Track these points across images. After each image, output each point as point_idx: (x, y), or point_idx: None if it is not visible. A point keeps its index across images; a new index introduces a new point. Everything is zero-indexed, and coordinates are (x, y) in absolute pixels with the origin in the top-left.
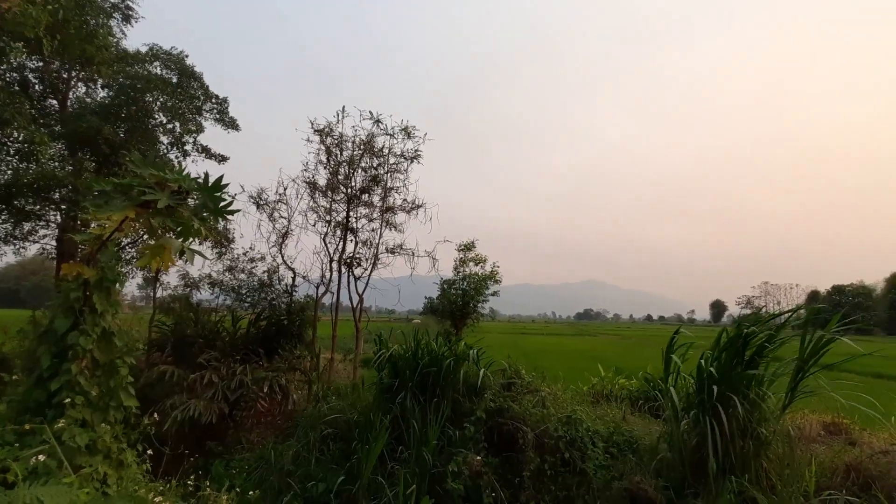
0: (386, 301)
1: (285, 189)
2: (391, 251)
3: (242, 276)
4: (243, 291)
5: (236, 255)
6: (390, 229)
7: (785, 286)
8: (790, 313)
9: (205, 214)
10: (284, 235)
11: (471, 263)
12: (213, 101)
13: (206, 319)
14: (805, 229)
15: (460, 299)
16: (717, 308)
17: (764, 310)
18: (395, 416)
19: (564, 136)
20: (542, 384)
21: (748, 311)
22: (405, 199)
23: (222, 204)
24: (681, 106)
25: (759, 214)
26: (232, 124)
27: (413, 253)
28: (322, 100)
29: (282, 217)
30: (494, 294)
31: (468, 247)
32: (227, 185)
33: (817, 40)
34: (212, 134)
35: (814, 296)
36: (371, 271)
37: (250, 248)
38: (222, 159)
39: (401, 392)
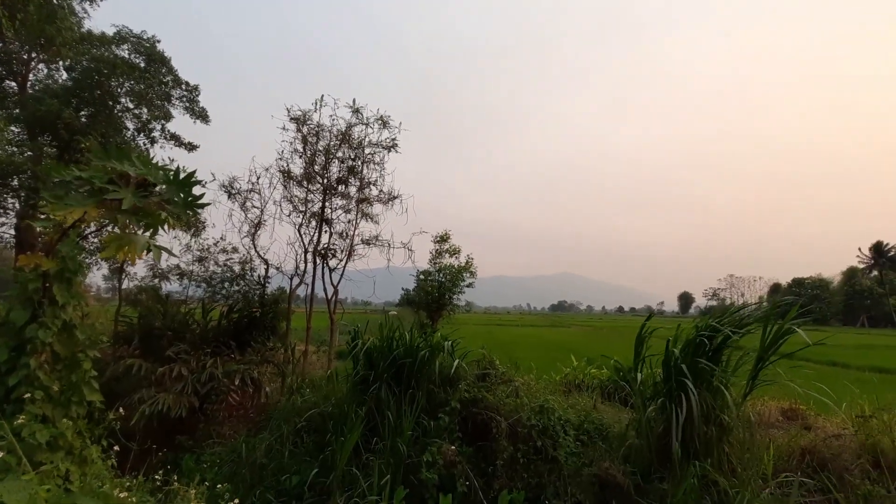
0: (362, 293)
1: (258, 178)
2: (367, 242)
3: (215, 267)
4: (215, 283)
5: (207, 246)
6: (366, 220)
7: (749, 278)
8: (755, 306)
9: (173, 208)
10: (257, 226)
11: (446, 255)
12: (184, 87)
13: (175, 311)
14: (767, 222)
15: (436, 291)
16: (685, 300)
17: (728, 301)
18: (370, 407)
19: (540, 128)
20: (515, 374)
21: (714, 303)
22: (381, 191)
23: (193, 197)
24: (651, 100)
25: (723, 207)
26: (202, 115)
27: (389, 244)
28: (299, 86)
29: (255, 207)
30: (470, 286)
31: (443, 238)
32: (200, 181)
33: (777, 35)
34: (181, 120)
35: (776, 288)
36: (346, 263)
37: (221, 237)
38: (192, 148)
39: (376, 383)
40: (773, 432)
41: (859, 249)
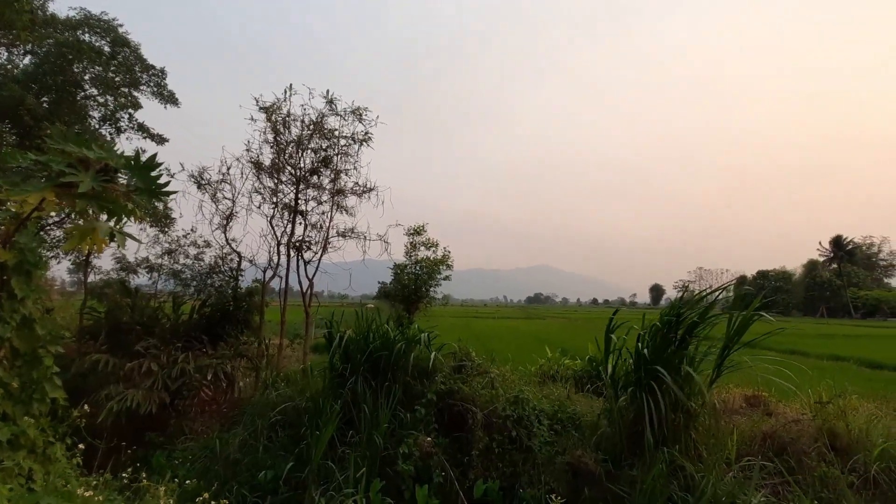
0: (338, 286)
1: (228, 169)
2: (342, 235)
3: (186, 260)
4: (185, 276)
5: (177, 238)
6: (341, 212)
7: (717, 271)
8: (718, 291)
9: (136, 196)
10: (229, 217)
11: (422, 248)
12: (151, 72)
13: (144, 305)
14: (736, 215)
15: (413, 283)
16: (656, 292)
17: (697, 292)
18: (346, 400)
19: (518, 121)
20: (491, 366)
21: (683, 294)
22: (356, 182)
23: (157, 184)
24: (628, 92)
25: (693, 201)
26: (171, 98)
27: (365, 237)
28: (269, 78)
29: (226, 198)
30: (446, 278)
31: (418, 231)
32: (161, 164)
33: (752, 28)
34: (150, 111)
35: (742, 280)
36: (321, 255)
37: (192, 230)
38: (161, 140)
39: (352, 377)
40: (736, 418)
41: (819, 244)
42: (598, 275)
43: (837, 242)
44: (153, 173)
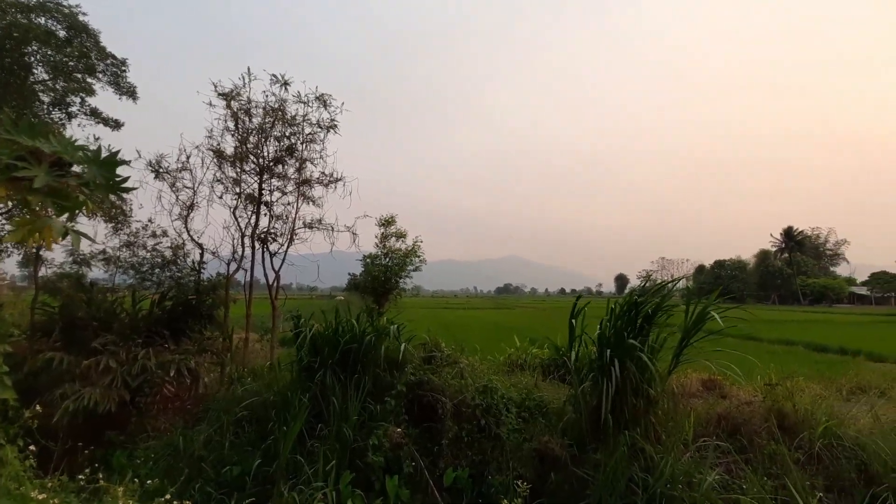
0: (306, 278)
1: (188, 157)
2: (309, 226)
3: (144, 252)
4: (144, 269)
5: (135, 230)
6: (307, 203)
7: (678, 261)
8: (672, 282)
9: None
10: (189, 208)
11: (392, 238)
12: (109, 61)
13: (100, 300)
14: (694, 206)
15: (383, 275)
16: (621, 281)
17: (658, 281)
18: (315, 394)
19: (488, 111)
20: (461, 356)
21: (646, 284)
22: (323, 172)
23: (117, 180)
24: (590, 85)
25: (656, 192)
26: (130, 92)
27: (333, 228)
28: (229, 65)
29: (186, 187)
30: (417, 269)
31: (388, 221)
32: (125, 162)
33: (712, 19)
34: (105, 95)
35: (700, 269)
36: (288, 247)
37: (150, 221)
38: (116, 125)
39: (321, 370)
40: (693, 401)
41: (771, 235)
42: (566, 265)
43: (788, 233)
44: (114, 169)
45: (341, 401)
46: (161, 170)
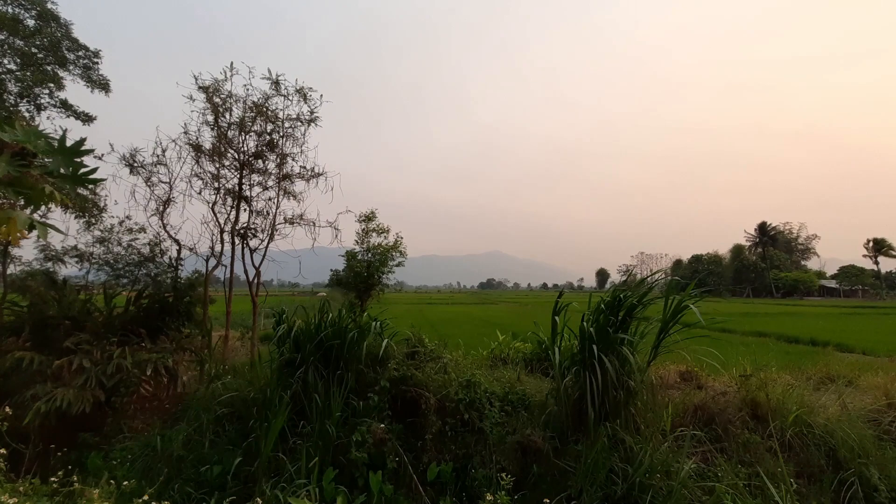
0: (287, 274)
1: (164, 151)
2: (290, 221)
3: (120, 248)
4: (120, 266)
5: (109, 225)
6: (288, 198)
7: (657, 255)
8: (653, 274)
9: (59, 182)
10: (166, 203)
11: (373, 234)
12: (81, 52)
13: (72, 298)
14: (672, 202)
15: (365, 271)
16: (602, 276)
17: (638, 276)
18: (297, 391)
19: (471, 106)
20: (444, 351)
21: (626, 278)
22: (304, 167)
23: (83, 171)
24: (569, 80)
25: (635, 188)
26: (102, 85)
27: (314, 223)
28: (206, 58)
29: (162, 182)
30: (399, 265)
31: (369, 217)
32: (91, 150)
33: (686, 17)
34: (76, 89)
35: (678, 264)
36: (268, 243)
37: (126, 217)
38: (88, 119)
39: (302, 367)
40: (671, 392)
41: (745, 231)
42: (548, 260)
43: (762, 228)
44: (80, 158)
45: (324, 397)
46: (136, 164)
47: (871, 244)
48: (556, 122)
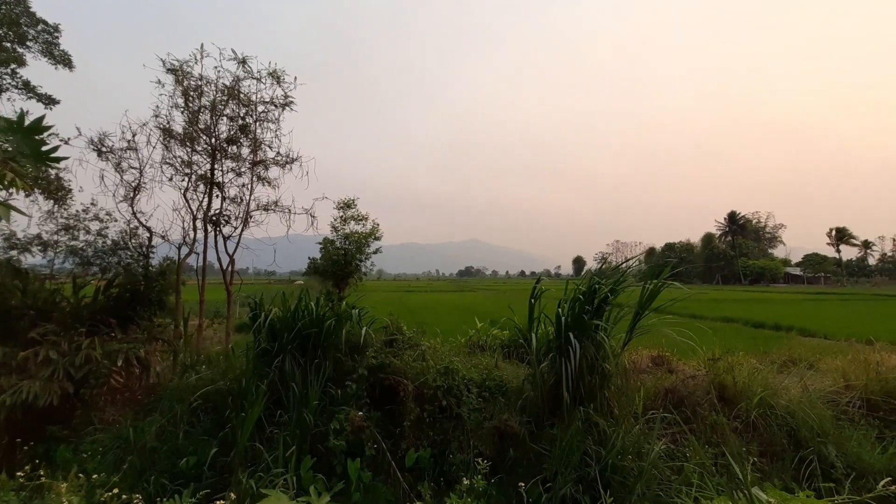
0: (263, 262)
1: (134, 135)
2: (264, 208)
3: (88, 236)
4: (87, 254)
5: (75, 212)
6: (263, 185)
7: (632, 243)
8: (625, 262)
9: (19, 163)
10: (136, 189)
11: (351, 222)
12: (41, 28)
13: (37, 287)
14: (646, 192)
15: (342, 259)
16: (579, 263)
17: (613, 263)
18: (274, 380)
19: (450, 94)
20: (422, 339)
21: (602, 266)
22: (278, 153)
23: (45, 148)
24: (545, 73)
25: (609, 178)
26: (64, 59)
27: (290, 210)
28: (176, 39)
29: (132, 168)
30: (377, 252)
31: (348, 205)
32: (50, 127)
33: (663, 17)
34: (40, 70)
35: (651, 251)
36: (242, 230)
37: (92, 203)
38: (51, 101)
39: (279, 356)
40: (643, 377)
41: (716, 220)
42: (526, 248)
43: (732, 217)
44: (40, 136)
45: (301, 386)
46: (104, 149)
47: (833, 233)
48: (535, 114)
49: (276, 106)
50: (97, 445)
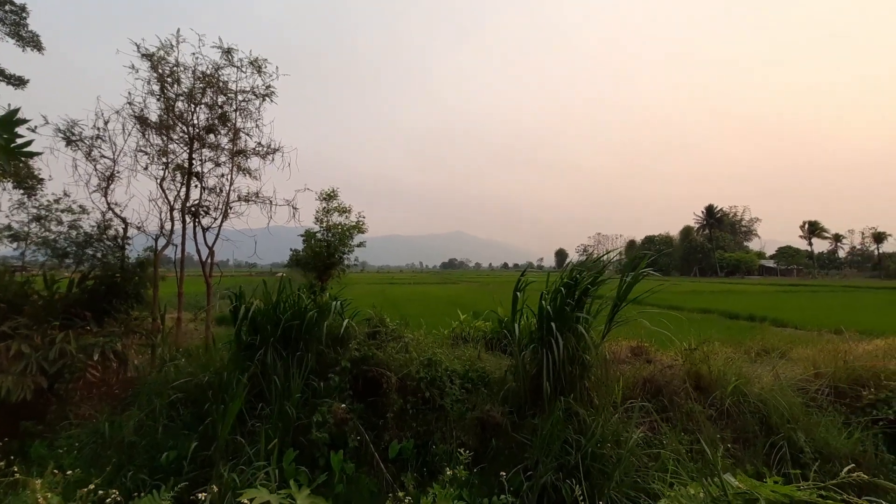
0: (244, 254)
1: (106, 122)
2: (245, 199)
3: (60, 227)
4: (61, 246)
5: (46, 202)
6: (243, 175)
7: (613, 236)
8: (606, 254)
9: None
10: (109, 179)
11: (335, 213)
12: (8, 7)
13: (8, 280)
14: (627, 185)
15: (325, 251)
16: (561, 255)
17: (595, 256)
18: (255, 373)
19: (434, 85)
20: (406, 331)
21: (583, 258)
22: (259, 143)
23: (18, 142)
24: (532, 63)
25: (593, 171)
26: (33, 41)
27: (271, 201)
28: (152, 24)
29: (104, 157)
30: (360, 245)
31: (330, 196)
32: (25, 121)
33: (644, 9)
34: (5, 50)
35: (631, 244)
36: (222, 221)
37: (64, 193)
38: (20, 82)
39: (261, 348)
40: (623, 367)
41: (694, 213)
42: (509, 241)
43: (710, 211)
44: (15, 129)
45: (283, 379)
46: (74, 137)
47: (806, 227)
48: (518, 106)
49: (256, 96)
50: (73, 441)
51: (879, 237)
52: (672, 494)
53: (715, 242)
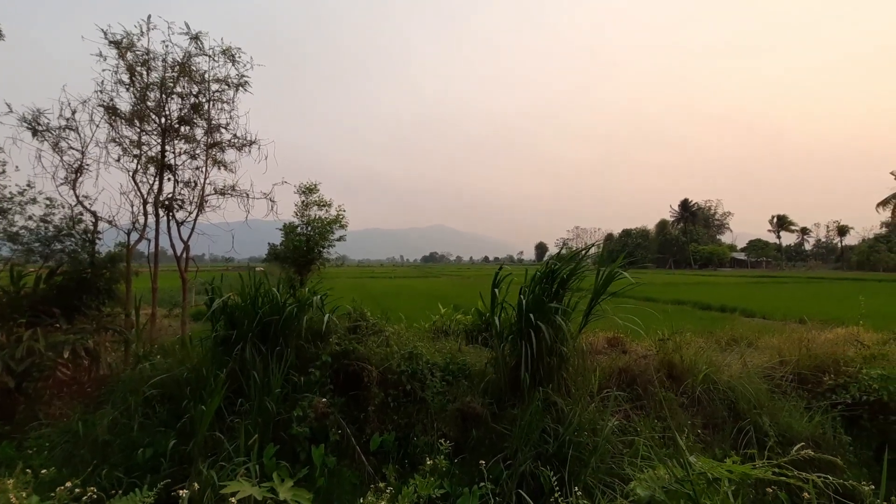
0: (220, 248)
1: (74, 113)
2: (221, 193)
3: (26, 221)
4: (27, 240)
5: (10, 194)
6: (219, 168)
7: (591, 229)
8: (587, 249)
9: None
10: (77, 171)
11: (314, 207)
12: None
13: None
14: (607, 179)
15: (304, 245)
16: (541, 249)
17: (574, 249)
18: (234, 369)
19: (415, 77)
20: (386, 325)
21: (563, 251)
22: (235, 135)
23: None
24: (511, 55)
25: (571, 165)
26: None
27: (248, 195)
28: (123, 10)
29: (72, 148)
30: (341, 239)
31: (310, 189)
32: None
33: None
34: None
35: (609, 237)
36: (197, 215)
37: (28, 185)
38: None
39: (239, 343)
40: (599, 357)
41: (670, 206)
42: (490, 234)
43: (685, 205)
44: None
45: (262, 374)
46: (40, 127)
47: (775, 220)
48: (498, 97)
49: (229, 86)
50: (43, 441)
51: (843, 230)
52: (641, 477)
53: (689, 236)
